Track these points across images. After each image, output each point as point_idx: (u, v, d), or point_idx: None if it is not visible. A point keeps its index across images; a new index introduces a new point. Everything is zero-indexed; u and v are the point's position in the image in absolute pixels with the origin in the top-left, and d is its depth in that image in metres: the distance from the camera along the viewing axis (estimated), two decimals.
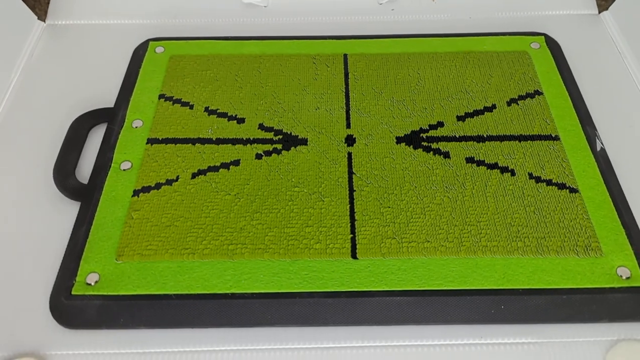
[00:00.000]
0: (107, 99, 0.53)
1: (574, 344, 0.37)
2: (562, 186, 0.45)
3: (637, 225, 0.42)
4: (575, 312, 0.38)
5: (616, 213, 0.43)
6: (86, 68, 0.57)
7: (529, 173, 0.46)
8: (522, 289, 0.39)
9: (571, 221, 0.42)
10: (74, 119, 0.51)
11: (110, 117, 0.51)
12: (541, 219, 0.42)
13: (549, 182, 0.45)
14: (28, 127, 0.52)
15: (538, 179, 0.45)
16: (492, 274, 0.39)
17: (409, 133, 0.49)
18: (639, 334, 0.38)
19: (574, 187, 0.44)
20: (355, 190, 0.45)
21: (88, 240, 0.42)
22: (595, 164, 0.46)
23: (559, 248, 0.41)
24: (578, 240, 0.41)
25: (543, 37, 0.58)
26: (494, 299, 0.38)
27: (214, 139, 0.49)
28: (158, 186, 0.45)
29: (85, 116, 0.51)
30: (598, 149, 0.47)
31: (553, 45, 0.57)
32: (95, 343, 0.38)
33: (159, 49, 0.57)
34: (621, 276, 0.39)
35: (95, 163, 0.48)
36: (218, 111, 0.51)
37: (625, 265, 0.40)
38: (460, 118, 0.50)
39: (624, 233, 0.42)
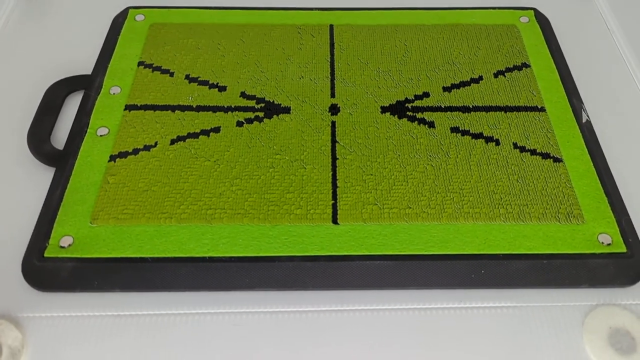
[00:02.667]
0: (85, 66, 0.54)
1: (554, 308, 0.39)
2: (546, 156, 0.46)
3: (620, 194, 0.44)
4: (556, 277, 0.39)
5: (599, 182, 0.44)
6: (64, 36, 0.58)
7: (513, 143, 0.47)
8: (503, 254, 0.40)
9: (554, 189, 0.44)
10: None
11: (87, 84, 0.52)
12: (524, 187, 0.44)
13: (533, 152, 0.46)
14: (3, 93, 0.52)
15: (522, 149, 0.47)
16: (473, 239, 0.41)
17: (394, 103, 0.50)
18: (618, 299, 0.39)
19: (558, 157, 0.46)
20: (338, 159, 0.46)
21: (62, 203, 0.43)
22: (580, 134, 0.48)
23: (541, 215, 0.42)
24: (560, 208, 0.43)
25: (532, 11, 0.59)
26: (474, 264, 0.40)
27: (194, 106, 0.50)
28: (135, 152, 0.46)
29: (61, 82, 0.52)
30: (583, 120, 0.49)
31: (542, 20, 0.59)
32: (69, 305, 0.39)
33: (139, 17, 0.58)
34: (602, 242, 0.41)
35: (71, 129, 0.49)
36: (199, 79, 0.52)
37: (606, 232, 0.41)
38: (446, 89, 0.51)
39: (607, 201, 0.43)
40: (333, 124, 0.49)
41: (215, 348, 0.37)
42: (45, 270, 0.39)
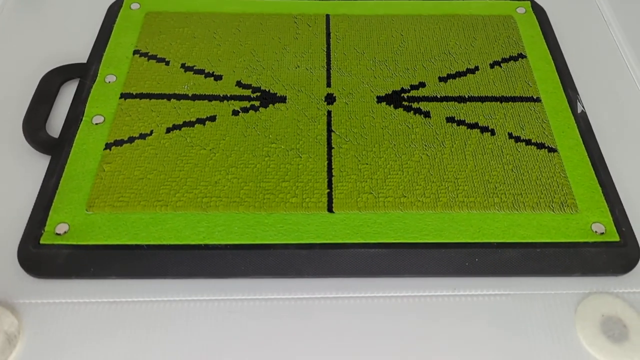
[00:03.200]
0: (80, 55, 0.54)
1: (547, 296, 0.39)
2: (541, 146, 0.47)
3: (614, 184, 0.44)
4: (549, 265, 0.40)
5: (594, 172, 0.45)
6: (60, 24, 0.58)
7: (508, 133, 0.47)
8: (497, 243, 0.41)
9: (548, 179, 0.44)
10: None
11: (82, 73, 0.52)
12: (519, 177, 0.44)
13: (528, 142, 0.47)
14: None
15: (518, 139, 0.47)
16: (467, 228, 0.41)
17: (390, 93, 0.51)
18: (610, 287, 0.40)
19: (553, 147, 0.46)
20: (333, 148, 0.46)
21: (58, 191, 0.43)
22: (575, 125, 0.48)
23: (535, 204, 0.43)
24: (554, 197, 0.43)
25: (529, 2, 0.60)
26: (468, 252, 0.40)
27: (189, 95, 0.50)
28: (131, 140, 0.46)
29: (56, 71, 0.52)
30: (579, 111, 0.49)
31: (539, 11, 0.59)
32: (65, 292, 0.39)
33: (135, 6, 0.58)
34: (596, 232, 0.41)
35: (67, 117, 0.49)
36: (195, 68, 0.52)
37: (600, 221, 0.42)
38: (442, 79, 0.52)
39: (601, 191, 0.44)
40: (329, 113, 0.49)
41: (210, 335, 0.37)
42: (41, 257, 0.40)
